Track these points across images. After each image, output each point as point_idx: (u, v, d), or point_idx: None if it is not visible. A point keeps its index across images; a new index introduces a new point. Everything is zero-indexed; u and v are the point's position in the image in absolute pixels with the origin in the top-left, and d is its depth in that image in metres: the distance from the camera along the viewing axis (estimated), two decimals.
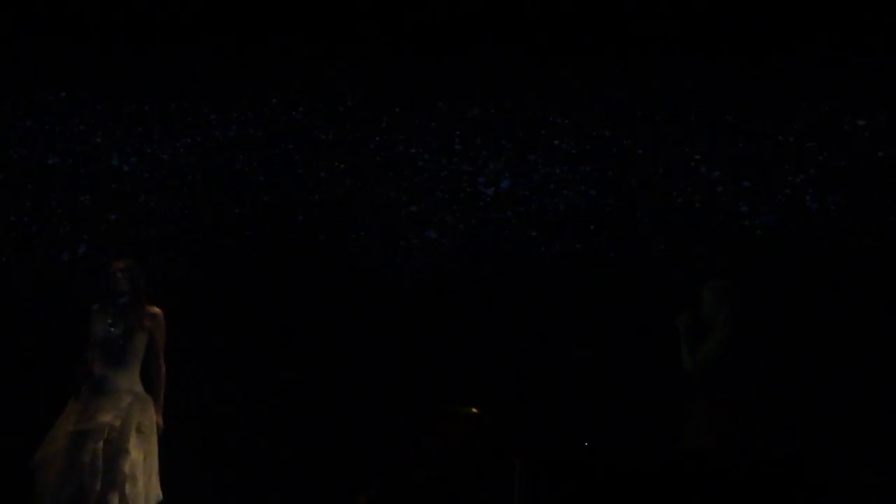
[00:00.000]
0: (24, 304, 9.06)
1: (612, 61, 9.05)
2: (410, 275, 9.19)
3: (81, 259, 9.15)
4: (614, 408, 8.72)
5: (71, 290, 8.93)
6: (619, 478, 6.33)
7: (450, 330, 9.09)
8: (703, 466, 6.16)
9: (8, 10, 8.95)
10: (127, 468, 7.12)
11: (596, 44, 8.94)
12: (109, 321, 7.38)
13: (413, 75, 9.18)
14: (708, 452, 6.76)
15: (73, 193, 9.17)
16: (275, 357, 9.01)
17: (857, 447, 8.23)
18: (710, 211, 9.08)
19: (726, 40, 8.88)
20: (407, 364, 9.00)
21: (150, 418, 7.29)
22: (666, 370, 8.66)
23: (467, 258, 9.18)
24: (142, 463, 7.20)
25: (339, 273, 9.17)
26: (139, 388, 7.33)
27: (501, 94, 9.19)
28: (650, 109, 9.12)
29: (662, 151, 9.10)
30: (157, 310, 7.44)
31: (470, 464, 5.65)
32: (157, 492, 7.27)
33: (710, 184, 9.09)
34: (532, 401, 8.81)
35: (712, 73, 9.06)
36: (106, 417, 7.17)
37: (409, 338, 9.06)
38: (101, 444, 7.11)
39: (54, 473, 7.14)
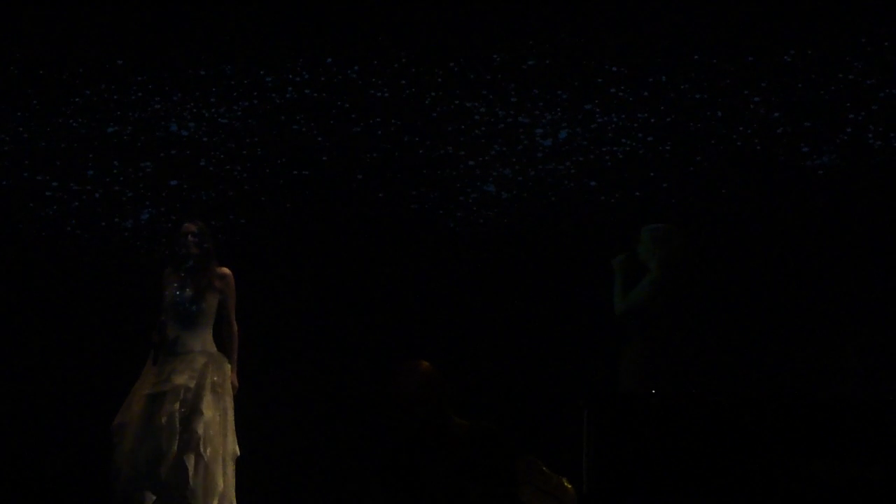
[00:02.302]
0: (89, 272, 9.15)
1: (666, 5, 8.98)
2: (470, 230, 9.19)
3: (145, 226, 9.22)
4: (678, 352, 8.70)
5: (136, 257, 9.01)
6: (686, 420, 6.34)
7: (512, 283, 9.09)
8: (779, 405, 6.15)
9: None
10: (201, 429, 7.21)
11: None
12: (178, 284, 7.46)
13: (467, 28, 9.15)
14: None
15: (133, 161, 9.23)
16: (334, 315, 9.05)
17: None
18: (771, 153, 9.00)
19: None
20: (469, 319, 9.02)
21: (225, 377, 7.39)
22: (734, 312, 8.65)
23: (527, 211, 9.17)
24: (217, 422, 7.29)
25: (400, 230, 9.19)
26: (212, 348, 7.43)
27: (556, 44, 9.14)
28: (707, 53, 9.04)
29: (720, 95, 9.03)
30: (226, 270, 7.54)
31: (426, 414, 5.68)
32: (233, 448, 7.37)
33: (769, 125, 9.02)
34: (596, 349, 8.80)
35: (769, 13, 8.97)
36: (180, 379, 7.27)
37: (471, 292, 9.07)
38: (176, 405, 7.21)
39: (131, 437, 7.23)
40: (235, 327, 7.53)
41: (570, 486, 7.25)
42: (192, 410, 7.25)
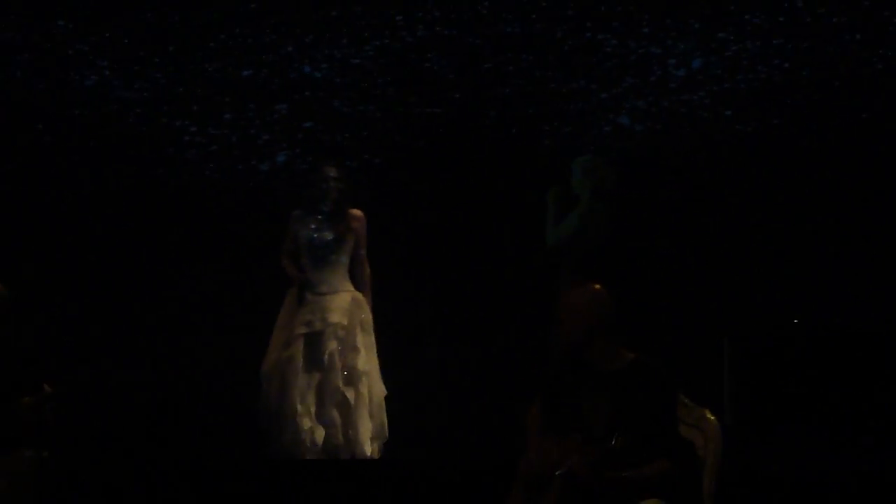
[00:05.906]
0: (228, 215, 9.29)
1: None
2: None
3: (281, 168, 9.34)
4: (818, 284, 8.57)
5: (272, 200, 9.12)
6: (827, 350, 6.25)
7: (646, 216, 9.01)
8: None
9: None
10: (361, 365, 7.36)
11: None
12: (315, 226, 7.56)
13: None
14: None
15: (268, 104, 9.34)
16: (469, 252, 9.07)
17: None
18: None
19: None
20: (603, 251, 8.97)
21: (369, 315, 7.50)
22: (877, 244, 8.49)
23: (661, 143, 9.08)
24: (366, 359, 7.43)
25: (534, 166, 9.16)
26: (352, 287, 7.54)
27: None
28: None
29: (858, 17, 8.81)
30: (359, 212, 7.61)
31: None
32: (380, 386, 7.49)
33: None
34: (738, 280, 8.71)
35: None
36: (335, 318, 7.40)
37: None
38: (334, 343, 7.36)
39: (292, 377, 7.37)
40: (368, 268, 7.62)
41: (712, 418, 7.23)
42: (349, 347, 7.41)
